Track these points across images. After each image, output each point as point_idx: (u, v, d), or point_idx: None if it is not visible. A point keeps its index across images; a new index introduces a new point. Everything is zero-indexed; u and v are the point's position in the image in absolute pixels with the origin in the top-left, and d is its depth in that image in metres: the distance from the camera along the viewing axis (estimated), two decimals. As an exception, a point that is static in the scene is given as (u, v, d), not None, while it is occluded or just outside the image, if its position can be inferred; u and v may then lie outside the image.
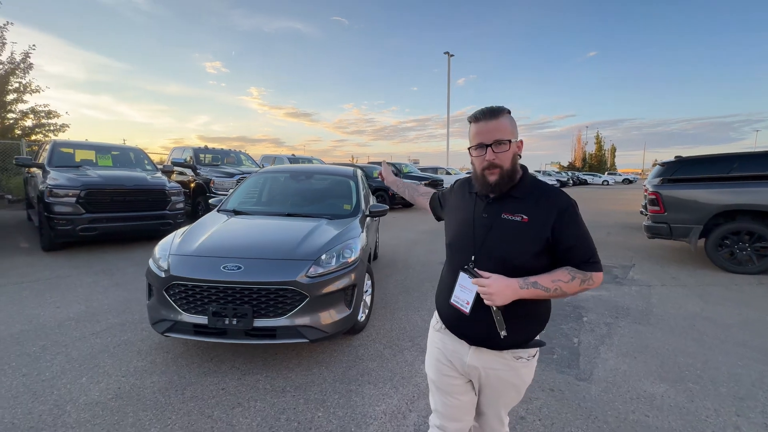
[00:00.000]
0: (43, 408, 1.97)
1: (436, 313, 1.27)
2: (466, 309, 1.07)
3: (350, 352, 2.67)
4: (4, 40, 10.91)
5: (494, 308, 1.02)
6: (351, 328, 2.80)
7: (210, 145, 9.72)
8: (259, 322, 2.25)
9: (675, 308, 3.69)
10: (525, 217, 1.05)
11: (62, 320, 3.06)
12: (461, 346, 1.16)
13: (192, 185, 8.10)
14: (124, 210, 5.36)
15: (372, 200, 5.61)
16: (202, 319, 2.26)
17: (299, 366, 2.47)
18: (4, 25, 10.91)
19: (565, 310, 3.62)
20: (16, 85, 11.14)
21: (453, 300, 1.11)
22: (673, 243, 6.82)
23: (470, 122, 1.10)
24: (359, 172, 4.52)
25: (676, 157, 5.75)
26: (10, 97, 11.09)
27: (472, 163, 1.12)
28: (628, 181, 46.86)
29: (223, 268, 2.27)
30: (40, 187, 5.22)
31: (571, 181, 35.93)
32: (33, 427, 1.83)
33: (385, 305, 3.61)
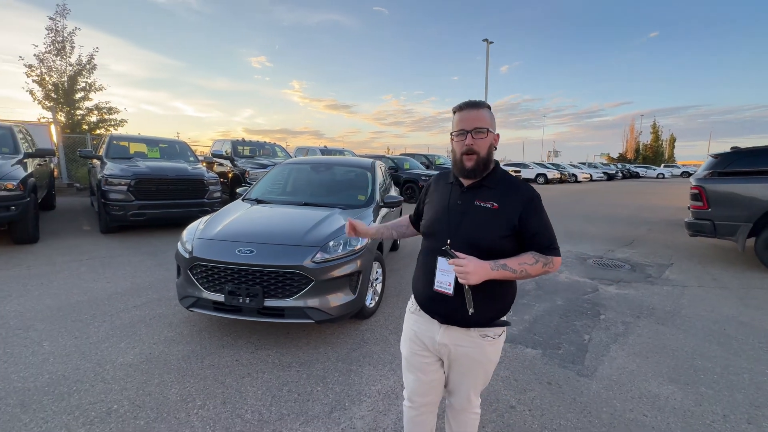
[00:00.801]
0: (88, 365, 2.31)
1: (412, 297, 1.36)
2: (450, 290, 1.16)
3: (357, 335, 2.81)
4: (73, 44, 12.13)
5: (466, 287, 1.11)
6: (360, 313, 2.94)
7: (252, 138, 10.27)
8: (270, 302, 2.45)
9: (707, 311, 3.45)
10: (495, 204, 1.17)
11: (111, 293, 3.49)
12: (433, 325, 1.25)
13: (230, 175, 8.63)
14: (168, 198, 5.88)
15: (394, 191, 5.69)
16: (220, 297, 2.50)
17: (307, 345, 2.65)
18: (73, 30, 12.12)
19: (582, 307, 3.52)
20: (83, 84, 12.37)
21: (437, 286, 1.18)
22: (720, 242, 6.27)
23: (454, 112, 1.23)
24: (378, 164, 4.61)
25: (732, 148, 5.25)
26: (78, 95, 12.34)
27: (453, 149, 1.24)
28: (687, 174, 42.82)
29: (238, 251, 2.48)
30: (98, 176, 5.86)
31: (620, 174, 33.55)
32: (79, 380, 2.16)
33: (398, 293, 3.72)
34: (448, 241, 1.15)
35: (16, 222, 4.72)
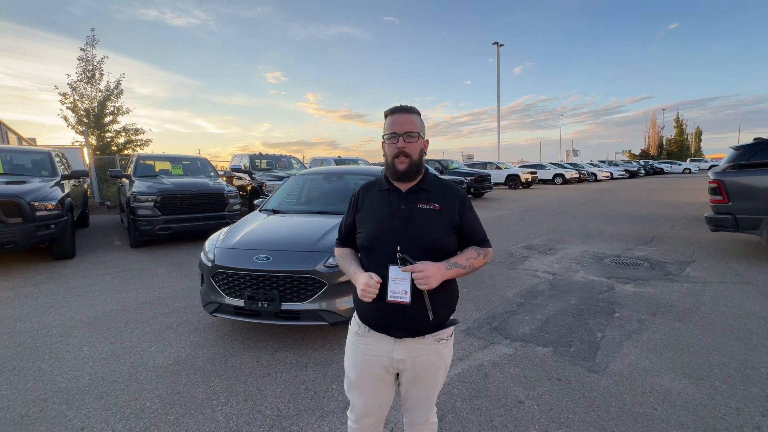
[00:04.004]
0: (123, 367, 2.51)
1: (355, 319, 1.30)
2: (407, 299, 1.10)
3: (370, 337, 2.92)
4: (102, 72, 12.95)
5: (425, 292, 1.11)
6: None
7: (270, 151, 10.64)
8: (286, 306, 2.60)
9: (728, 306, 3.38)
10: (437, 205, 1.21)
11: (141, 303, 3.73)
12: (387, 343, 1.20)
13: (248, 188, 8.96)
14: (191, 212, 6.19)
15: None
16: (240, 302, 2.66)
17: (323, 346, 2.77)
18: (102, 59, 12.95)
19: (597, 305, 3.51)
20: (112, 108, 13.15)
21: (391, 297, 1.11)
22: (746, 237, 6.05)
23: (386, 116, 1.24)
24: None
25: (755, 138, 5.10)
26: (107, 119, 13.12)
27: (384, 153, 1.24)
28: (716, 169, 40.96)
29: (256, 258, 2.65)
30: (127, 193, 6.24)
31: (643, 171, 32.50)
32: (115, 381, 2.35)
33: (411, 297, 3.80)
34: (399, 248, 1.13)
35: (55, 239, 5.09)
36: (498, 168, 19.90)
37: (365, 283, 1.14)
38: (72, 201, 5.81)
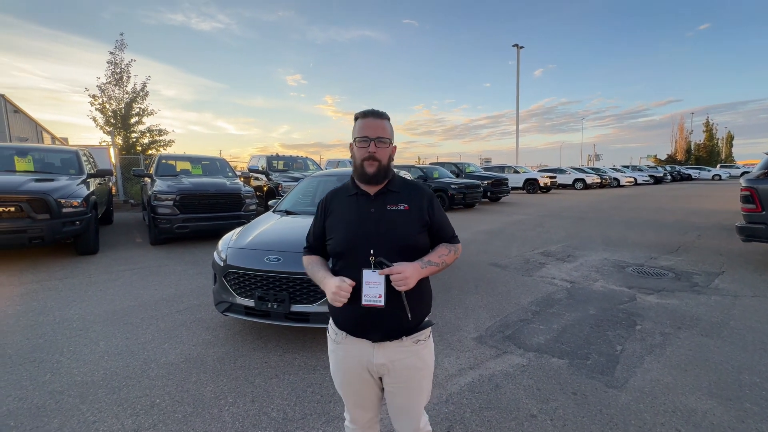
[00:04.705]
0: (136, 363, 2.56)
1: (331, 326, 1.28)
2: (381, 302, 1.11)
3: (379, 342, 2.88)
4: (129, 74, 13.45)
5: (403, 293, 1.10)
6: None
7: (287, 153, 10.78)
8: (295, 308, 2.59)
9: (761, 322, 3.18)
10: (406, 205, 1.22)
11: (158, 299, 3.81)
12: (365, 348, 1.19)
13: (265, 189, 9.09)
14: (209, 211, 6.32)
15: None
16: (250, 302, 2.68)
17: (332, 349, 2.75)
18: (129, 62, 13.46)
19: (617, 317, 3.36)
20: (137, 110, 13.63)
21: (365, 301, 1.11)
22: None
23: (357, 118, 1.23)
24: (402, 173, 4.70)
25: None
26: (133, 120, 13.61)
27: (353, 155, 1.24)
28: (749, 175, 39.02)
29: (266, 259, 2.66)
30: (149, 192, 6.42)
31: (669, 177, 31.31)
32: (128, 376, 2.40)
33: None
34: (372, 252, 1.13)
35: (80, 235, 5.29)
36: (516, 172, 19.55)
37: (337, 286, 1.12)
38: (96, 199, 6.02)
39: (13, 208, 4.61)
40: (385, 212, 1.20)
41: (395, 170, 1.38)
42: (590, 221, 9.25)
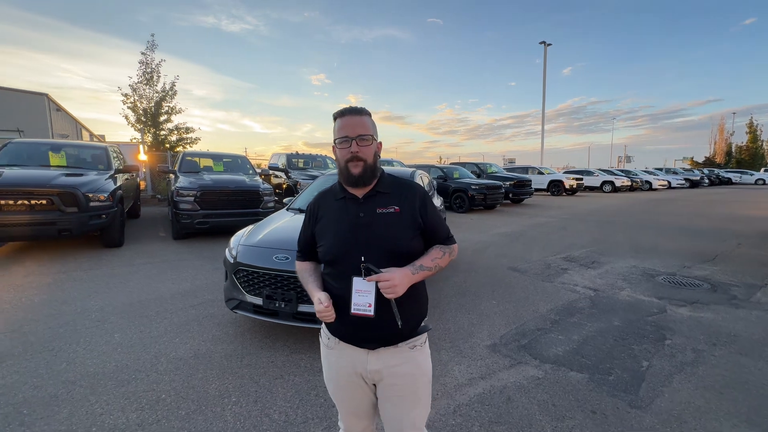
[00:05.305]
0: (147, 357, 2.59)
1: (324, 330, 1.24)
2: (371, 312, 1.06)
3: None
4: (159, 74, 13.94)
5: (392, 300, 1.05)
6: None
7: (310, 151, 10.89)
8: (303, 308, 2.55)
9: (809, 342, 2.88)
10: (397, 208, 1.15)
11: (174, 293, 3.88)
12: (359, 354, 1.14)
13: (284, 186, 9.19)
14: (228, 207, 6.43)
15: (438, 201, 5.61)
16: (259, 301, 2.66)
17: (339, 351, 2.70)
18: (159, 62, 13.95)
19: (644, 329, 3.14)
20: (166, 108, 14.11)
21: (354, 309, 1.07)
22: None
23: (335, 118, 1.17)
24: (420, 174, 4.61)
25: None
26: (162, 118, 14.10)
27: (336, 158, 1.18)
28: (797, 180, 36.28)
29: (275, 258, 2.63)
30: (172, 188, 6.60)
31: (707, 180, 29.56)
32: (138, 369, 2.43)
33: (437, 305, 3.64)
34: (363, 258, 1.08)
35: (106, 228, 5.49)
36: (540, 173, 18.95)
37: (317, 310, 1.09)
38: (123, 193, 6.23)
39: (44, 201, 4.82)
40: (375, 216, 1.14)
41: (414, 169, 1.33)
42: (618, 226, 8.81)
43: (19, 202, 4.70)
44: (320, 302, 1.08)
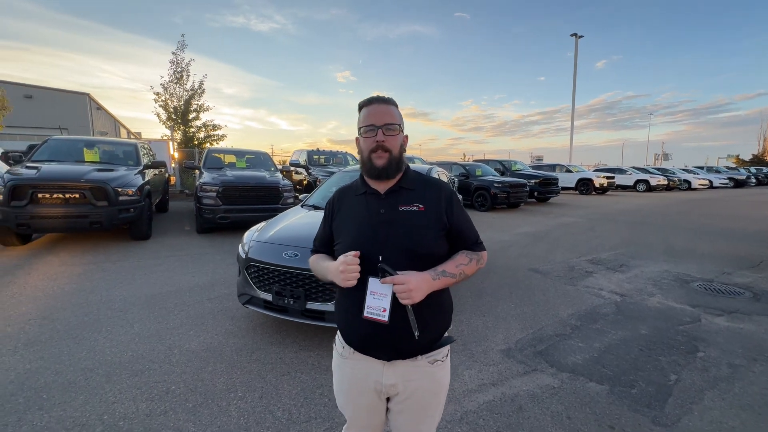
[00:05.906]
0: (161, 348, 2.66)
1: (338, 338, 1.17)
2: (385, 317, 0.98)
3: (398, 346, 2.75)
4: (189, 73, 14.42)
5: (409, 307, 0.97)
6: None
7: (334, 148, 10.98)
8: (311, 305, 2.54)
9: None
10: (421, 206, 1.07)
11: (193, 286, 3.99)
12: (374, 366, 1.07)
13: (305, 183, 9.29)
14: (249, 203, 6.56)
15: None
16: (269, 297, 2.67)
17: (347, 350, 2.67)
18: (189, 61, 14.42)
19: (675, 339, 2.93)
20: (195, 106, 14.59)
21: (367, 313, 0.99)
22: None
23: (361, 108, 1.12)
24: (437, 170, 4.51)
25: None
26: (191, 115, 14.59)
27: (360, 149, 1.12)
28: None
29: (285, 254, 2.63)
30: (196, 183, 6.80)
31: (754, 180, 27.53)
32: (152, 360, 2.49)
33: (450, 306, 3.54)
34: (380, 258, 1.01)
35: (134, 222, 5.72)
36: (568, 171, 18.23)
37: (342, 262, 0.99)
38: (151, 188, 6.48)
39: (77, 195, 5.08)
40: (397, 213, 1.07)
41: (432, 166, 1.26)
42: (651, 227, 8.33)
43: (55, 195, 4.98)
44: (346, 255, 0.99)
